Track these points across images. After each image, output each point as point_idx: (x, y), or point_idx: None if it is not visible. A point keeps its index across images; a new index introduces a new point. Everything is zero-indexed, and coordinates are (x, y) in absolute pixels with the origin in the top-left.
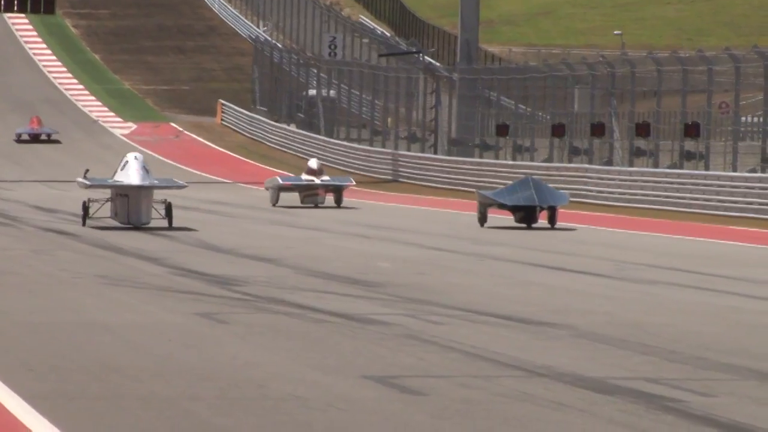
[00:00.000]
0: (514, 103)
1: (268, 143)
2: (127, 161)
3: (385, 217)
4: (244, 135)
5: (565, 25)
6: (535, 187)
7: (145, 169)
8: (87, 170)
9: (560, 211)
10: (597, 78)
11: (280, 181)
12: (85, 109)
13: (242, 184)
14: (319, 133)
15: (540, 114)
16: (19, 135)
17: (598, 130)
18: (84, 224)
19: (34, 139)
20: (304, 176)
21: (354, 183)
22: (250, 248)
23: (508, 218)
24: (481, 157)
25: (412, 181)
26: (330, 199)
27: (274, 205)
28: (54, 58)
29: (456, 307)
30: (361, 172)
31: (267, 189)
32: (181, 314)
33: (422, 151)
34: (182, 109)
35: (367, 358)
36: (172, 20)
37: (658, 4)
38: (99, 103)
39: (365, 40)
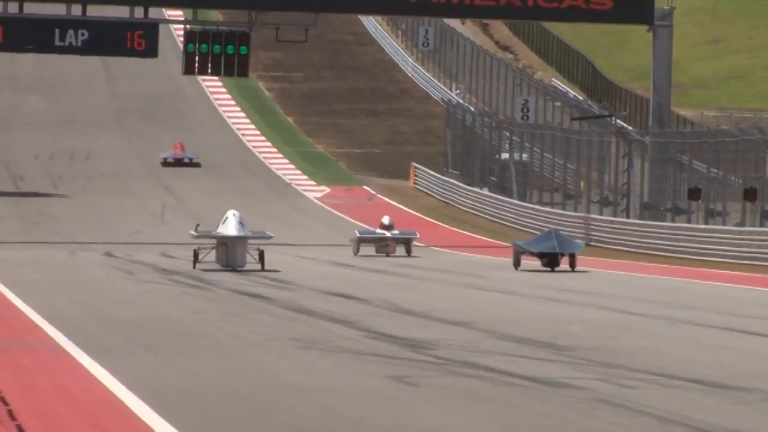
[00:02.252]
0: (706, 167)
1: (460, 207)
2: (227, 217)
3: (572, 280)
4: (437, 198)
5: (758, 88)
6: (557, 237)
7: (241, 223)
8: (198, 224)
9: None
10: None
11: (358, 235)
12: (278, 172)
13: (435, 248)
14: (511, 197)
15: (732, 178)
16: (165, 159)
17: None
18: (194, 267)
19: (178, 162)
20: (378, 230)
21: (419, 236)
22: (442, 311)
23: (536, 263)
24: (673, 221)
25: (604, 245)
26: (401, 249)
27: (355, 254)
28: (247, 120)
29: (647, 371)
30: None
31: (350, 241)
32: (373, 377)
33: (614, 215)
34: (375, 172)
35: (558, 421)
36: (365, 83)
37: None
38: (292, 166)
39: (557, 104)
